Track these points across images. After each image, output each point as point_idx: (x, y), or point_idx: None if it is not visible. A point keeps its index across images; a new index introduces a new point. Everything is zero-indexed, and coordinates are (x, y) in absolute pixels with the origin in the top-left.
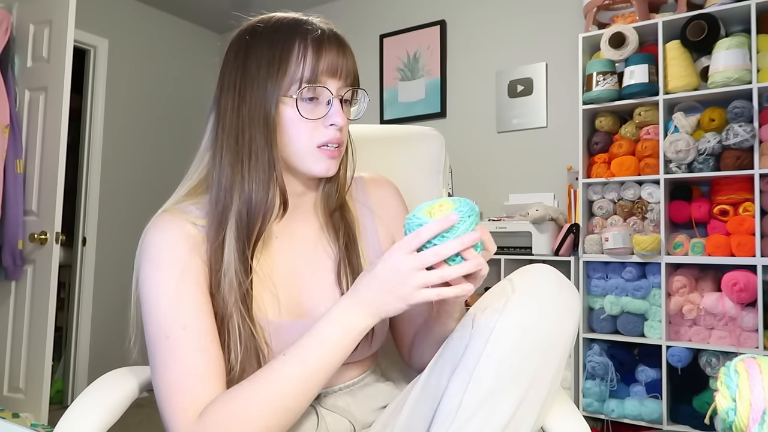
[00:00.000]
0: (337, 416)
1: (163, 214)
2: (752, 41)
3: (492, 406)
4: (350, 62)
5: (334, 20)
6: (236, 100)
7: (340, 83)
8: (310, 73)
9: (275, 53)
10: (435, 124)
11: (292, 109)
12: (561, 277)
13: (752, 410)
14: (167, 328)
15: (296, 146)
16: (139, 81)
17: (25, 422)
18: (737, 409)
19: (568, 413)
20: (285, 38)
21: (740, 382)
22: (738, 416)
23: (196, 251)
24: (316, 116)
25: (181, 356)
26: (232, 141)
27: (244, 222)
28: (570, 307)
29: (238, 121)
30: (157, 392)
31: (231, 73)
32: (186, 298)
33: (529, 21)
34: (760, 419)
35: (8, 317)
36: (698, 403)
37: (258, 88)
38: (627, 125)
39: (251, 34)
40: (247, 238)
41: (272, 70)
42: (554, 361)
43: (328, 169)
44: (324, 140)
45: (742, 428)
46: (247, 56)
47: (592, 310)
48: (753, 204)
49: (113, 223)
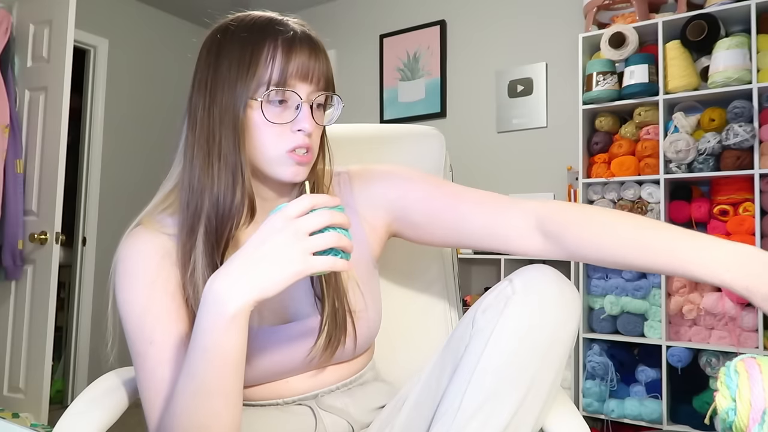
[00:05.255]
0: (335, 417)
1: (138, 228)
2: (752, 41)
3: (492, 408)
4: (323, 65)
5: (334, 20)
6: (207, 100)
7: (311, 87)
8: (278, 75)
9: (245, 54)
10: (435, 124)
11: (258, 112)
12: (561, 278)
13: (752, 410)
14: (137, 344)
15: (264, 151)
16: (139, 81)
17: (25, 422)
18: (737, 409)
19: (568, 414)
20: (256, 39)
21: (740, 382)
22: (738, 416)
23: (168, 259)
24: (282, 120)
25: (150, 371)
26: (203, 142)
27: (213, 227)
28: (570, 309)
29: (209, 122)
30: (143, 405)
31: (203, 73)
32: (154, 310)
33: (529, 21)
34: (760, 419)
35: (8, 317)
36: (698, 403)
37: (228, 89)
38: (627, 125)
39: (223, 33)
40: (216, 244)
41: (242, 72)
42: (554, 363)
43: (296, 175)
44: (291, 146)
45: (741, 428)
46: (218, 56)
47: (592, 310)
48: (753, 204)
49: (113, 223)
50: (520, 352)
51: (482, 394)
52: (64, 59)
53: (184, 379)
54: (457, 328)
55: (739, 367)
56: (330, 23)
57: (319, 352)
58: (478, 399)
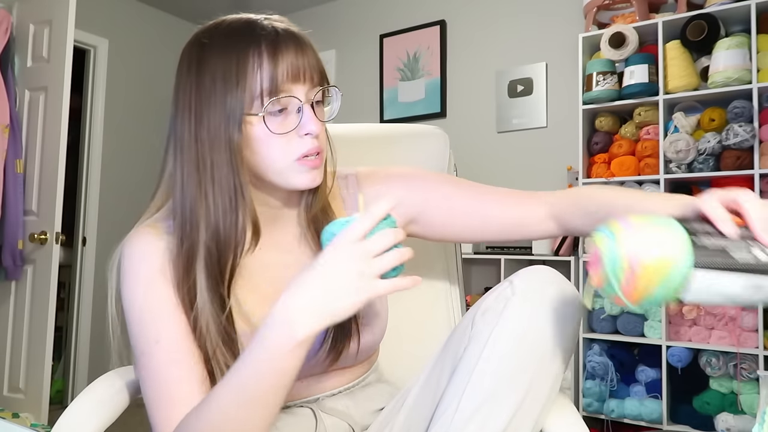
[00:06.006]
0: (336, 419)
1: (140, 228)
2: (752, 41)
3: (490, 410)
4: (312, 60)
5: (334, 20)
6: (193, 122)
7: (306, 86)
8: (270, 83)
9: (230, 67)
10: (435, 125)
11: (259, 126)
12: (562, 279)
13: (629, 255)
14: (142, 344)
15: (272, 163)
16: (139, 81)
17: (25, 422)
18: (618, 256)
19: (568, 415)
20: (238, 48)
21: (616, 233)
22: (619, 262)
23: (170, 255)
24: (287, 129)
25: (157, 371)
26: (192, 169)
27: (215, 259)
28: (570, 311)
29: (197, 147)
30: (146, 406)
31: (185, 92)
32: (156, 308)
33: (529, 21)
34: (633, 267)
35: (8, 317)
36: (698, 403)
37: (216, 108)
38: (627, 125)
39: (200, 47)
40: (220, 276)
41: (230, 86)
42: (554, 365)
43: (313, 181)
44: (302, 152)
45: (620, 275)
46: (200, 72)
47: (592, 310)
48: None
49: (113, 223)
50: (519, 354)
51: (480, 396)
52: (64, 59)
53: (231, 389)
54: (457, 329)
55: (612, 225)
56: (330, 23)
57: (323, 357)
58: (476, 401)
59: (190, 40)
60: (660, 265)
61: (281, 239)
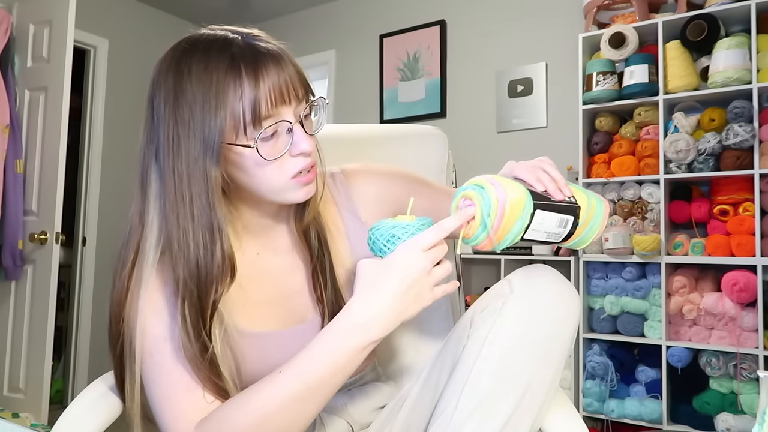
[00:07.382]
0: (334, 417)
1: (147, 276)
2: (752, 41)
3: (488, 409)
4: (293, 73)
5: (334, 20)
6: (171, 155)
7: (292, 105)
8: (253, 112)
9: (209, 96)
10: (435, 124)
11: (250, 156)
12: (561, 279)
13: (499, 203)
14: (150, 345)
15: (266, 185)
16: (139, 81)
17: (25, 422)
18: (490, 207)
19: (567, 414)
20: (217, 72)
21: (486, 187)
22: (491, 210)
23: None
24: (279, 153)
25: (166, 367)
26: (170, 203)
27: (195, 298)
28: (569, 310)
29: (174, 180)
30: (152, 406)
31: (161, 122)
32: (161, 308)
33: (529, 21)
34: (503, 212)
35: (8, 317)
36: (698, 403)
37: (195, 140)
38: (627, 125)
39: (176, 73)
40: (202, 318)
41: (208, 117)
42: (553, 364)
43: (308, 194)
44: (295, 171)
45: (492, 222)
46: (176, 101)
47: (592, 310)
48: (753, 204)
49: (113, 223)
50: (517, 353)
51: (479, 395)
52: (64, 59)
53: (291, 380)
54: (456, 328)
55: (479, 182)
56: (330, 23)
57: None
58: (474, 400)
59: (161, 65)
60: (519, 204)
61: (279, 244)
